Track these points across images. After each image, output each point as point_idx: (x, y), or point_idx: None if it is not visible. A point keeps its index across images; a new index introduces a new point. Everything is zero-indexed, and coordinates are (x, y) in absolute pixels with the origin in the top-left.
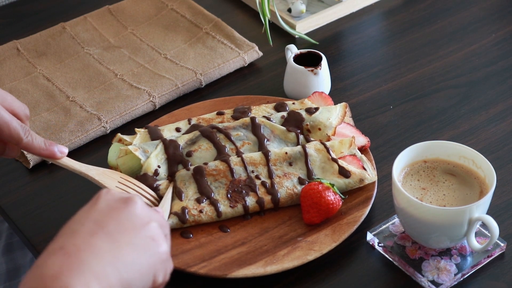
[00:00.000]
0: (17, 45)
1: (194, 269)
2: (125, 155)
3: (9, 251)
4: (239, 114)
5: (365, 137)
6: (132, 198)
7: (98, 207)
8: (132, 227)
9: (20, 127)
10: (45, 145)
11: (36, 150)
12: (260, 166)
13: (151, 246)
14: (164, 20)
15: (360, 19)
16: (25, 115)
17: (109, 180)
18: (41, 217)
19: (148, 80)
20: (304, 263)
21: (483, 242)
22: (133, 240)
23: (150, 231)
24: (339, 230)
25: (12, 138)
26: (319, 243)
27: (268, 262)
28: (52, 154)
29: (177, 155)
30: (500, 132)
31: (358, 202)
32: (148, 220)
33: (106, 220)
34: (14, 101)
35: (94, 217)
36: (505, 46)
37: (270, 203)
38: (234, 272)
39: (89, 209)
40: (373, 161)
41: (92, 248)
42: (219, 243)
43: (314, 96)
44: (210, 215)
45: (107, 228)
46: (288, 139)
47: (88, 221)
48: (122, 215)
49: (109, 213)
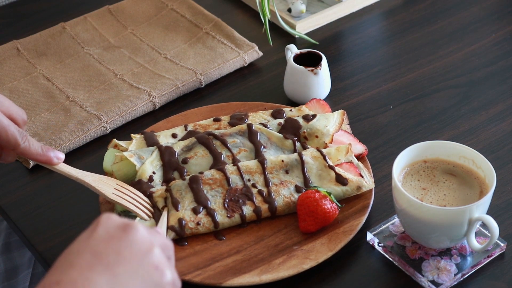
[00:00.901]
0: (17, 45)
1: (189, 277)
2: (120, 161)
3: (7, 251)
4: (236, 121)
5: (362, 145)
6: (132, 224)
7: (97, 236)
8: (133, 256)
9: (17, 132)
10: (42, 151)
11: (33, 156)
12: (257, 175)
13: (154, 276)
14: (164, 20)
15: (360, 19)
16: (22, 120)
17: (105, 187)
18: (41, 217)
19: (148, 80)
20: (300, 272)
21: (483, 242)
22: (134, 271)
23: (153, 258)
24: (336, 239)
25: (9, 143)
26: (315, 251)
27: (263, 270)
28: (48, 160)
29: (172, 162)
30: (500, 132)
31: (355, 210)
32: (150, 246)
33: (105, 251)
34: (12, 105)
35: (92, 248)
36: (505, 46)
37: (267, 212)
38: (229, 280)
39: (87, 238)
40: (370, 169)
41: (89, 283)
42: (214, 251)
43: (311, 103)
44: (207, 226)
45: (106, 260)
46: (285, 146)
47: (86, 252)
48: (122, 244)
49: (109, 243)
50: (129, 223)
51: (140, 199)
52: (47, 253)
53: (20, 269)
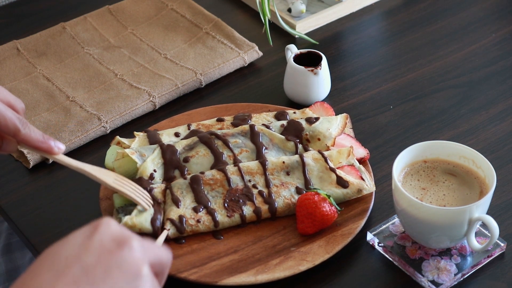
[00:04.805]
0: (17, 45)
1: (185, 275)
2: (122, 158)
3: (9, 252)
4: (239, 122)
5: (364, 149)
6: (127, 240)
7: (91, 246)
8: (120, 277)
9: (16, 118)
10: (43, 138)
11: (34, 143)
12: (257, 175)
13: None
14: (164, 20)
15: (360, 19)
16: (21, 108)
17: (105, 176)
18: (41, 217)
19: (148, 80)
20: (296, 273)
21: (483, 242)
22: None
23: (140, 284)
24: (333, 242)
25: (9, 129)
26: (312, 253)
27: (259, 271)
28: (49, 148)
29: (174, 160)
30: (500, 132)
31: (354, 214)
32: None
33: (94, 265)
34: (9, 94)
35: (83, 260)
36: (505, 46)
37: (267, 213)
38: (225, 279)
39: (81, 245)
40: (372, 173)
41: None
42: (211, 249)
43: (315, 106)
44: (207, 224)
45: (93, 276)
46: (287, 148)
47: (75, 265)
48: (113, 261)
49: (100, 257)
50: (125, 238)
51: (139, 191)
52: None
53: (21, 270)
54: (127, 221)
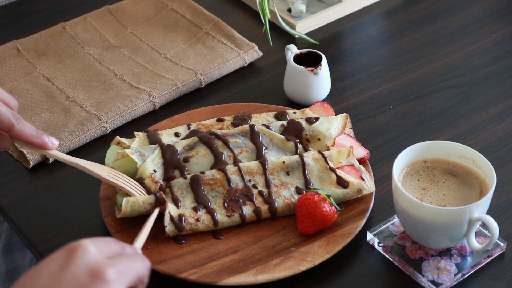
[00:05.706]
0: (17, 45)
1: (185, 275)
2: (122, 158)
3: (9, 252)
4: (239, 122)
5: (364, 149)
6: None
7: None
8: None
9: (10, 113)
10: (37, 133)
11: (28, 138)
12: (257, 175)
13: None
14: (164, 20)
15: (360, 19)
16: (14, 105)
17: (99, 170)
18: (41, 217)
19: (148, 80)
20: (296, 273)
21: (483, 242)
22: None
23: None
24: (333, 242)
25: (3, 124)
26: (312, 253)
27: (259, 271)
28: (43, 144)
29: (174, 160)
30: (500, 132)
31: (354, 214)
32: None
33: None
34: (3, 91)
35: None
36: (505, 46)
37: (267, 213)
38: (225, 279)
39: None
40: (372, 173)
41: None
42: (211, 249)
43: (315, 106)
44: (207, 224)
45: None
46: (287, 148)
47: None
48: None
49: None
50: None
51: (133, 183)
52: (48, 253)
53: (21, 270)
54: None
